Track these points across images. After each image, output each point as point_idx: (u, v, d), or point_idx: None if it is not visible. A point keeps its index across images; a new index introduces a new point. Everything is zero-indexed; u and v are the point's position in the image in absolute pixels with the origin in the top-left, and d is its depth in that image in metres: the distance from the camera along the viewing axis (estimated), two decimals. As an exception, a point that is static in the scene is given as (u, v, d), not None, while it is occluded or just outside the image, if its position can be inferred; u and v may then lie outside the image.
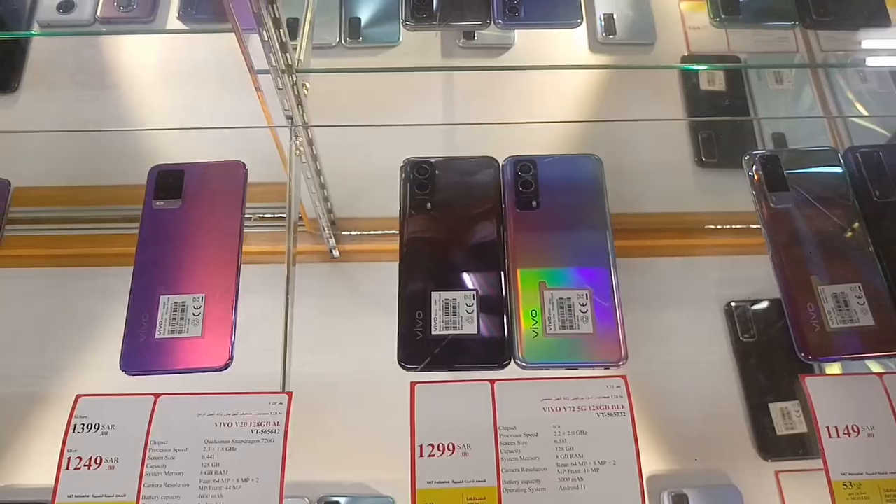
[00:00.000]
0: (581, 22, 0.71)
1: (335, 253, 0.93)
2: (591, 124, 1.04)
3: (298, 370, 0.60)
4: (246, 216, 0.63)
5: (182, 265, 0.61)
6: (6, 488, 0.70)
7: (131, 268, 0.62)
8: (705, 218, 0.97)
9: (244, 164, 0.66)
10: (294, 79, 0.66)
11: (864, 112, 1.00)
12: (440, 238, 0.62)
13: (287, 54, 0.64)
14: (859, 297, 0.58)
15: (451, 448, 0.54)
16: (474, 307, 0.59)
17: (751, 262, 0.94)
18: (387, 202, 0.66)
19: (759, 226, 0.63)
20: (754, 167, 0.65)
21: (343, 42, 1.06)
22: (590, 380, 0.56)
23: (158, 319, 0.59)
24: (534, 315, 0.58)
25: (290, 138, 0.69)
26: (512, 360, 0.57)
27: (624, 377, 0.56)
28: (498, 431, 0.55)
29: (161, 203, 0.64)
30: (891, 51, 0.78)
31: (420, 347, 0.57)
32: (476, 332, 0.58)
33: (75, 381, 0.59)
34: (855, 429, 0.55)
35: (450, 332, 0.58)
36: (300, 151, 0.72)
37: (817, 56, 1.02)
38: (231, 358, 0.58)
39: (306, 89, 0.70)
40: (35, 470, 0.70)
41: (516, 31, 1.06)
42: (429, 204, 0.63)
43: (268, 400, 0.56)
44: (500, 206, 0.63)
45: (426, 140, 0.99)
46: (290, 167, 0.67)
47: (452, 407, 0.56)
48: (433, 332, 0.58)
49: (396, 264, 0.82)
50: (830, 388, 0.57)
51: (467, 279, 0.60)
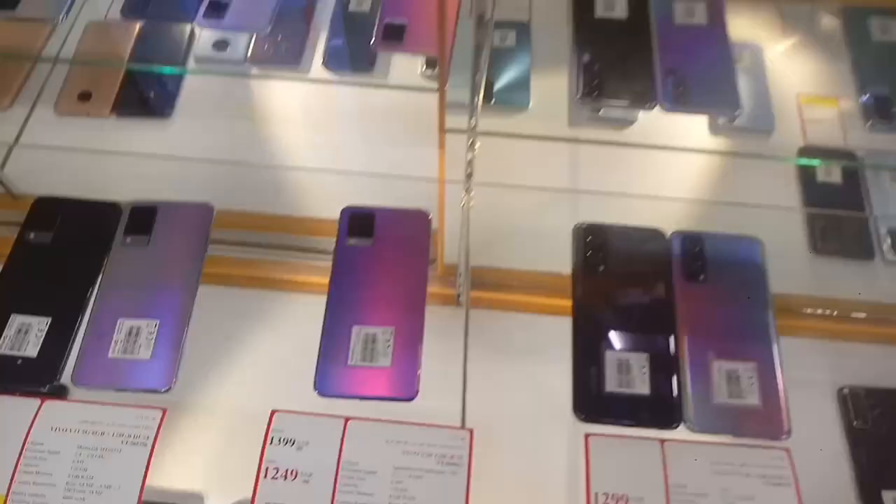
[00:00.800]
0: (741, 112, 0.75)
1: (461, 299, 0.97)
2: (710, 205, 1.08)
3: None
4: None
5: (373, 299, 0.66)
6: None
7: (315, 296, 0.67)
8: (816, 302, 1.01)
9: (428, 214, 0.71)
10: (474, 139, 0.72)
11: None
12: (612, 300, 0.66)
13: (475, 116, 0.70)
14: None
15: (625, 500, 0.57)
16: (646, 368, 0.63)
17: (858, 350, 0.97)
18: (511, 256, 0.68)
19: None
20: None
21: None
22: (756, 448, 0.60)
23: (351, 348, 0.64)
24: (703, 382, 0.62)
25: (466, 194, 0.74)
26: (682, 423, 0.61)
27: (787, 450, 0.60)
28: (669, 489, 0.58)
29: (354, 241, 0.69)
30: None
31: (594, 401, 0.61)
32: (648, 393, 0.62)
33: (265, 397, 0.64)
34: None
35: (623, 390, 0.62)
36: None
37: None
38: (418, 390, 0.62)
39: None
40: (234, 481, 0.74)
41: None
42: (601, 267, 0.68)
43: (452, 434, 0.60)
44: (668, 277, 0.68)
45: (548, 202, 1.05)
46: (466, 222, 0.72)
47: (625, 460, 0.59)
48: (607, 389, 0.62)
49: (520, 315, 0.86)
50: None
51: (639, 341, 0.64)
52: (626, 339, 0.64)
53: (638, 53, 0.70)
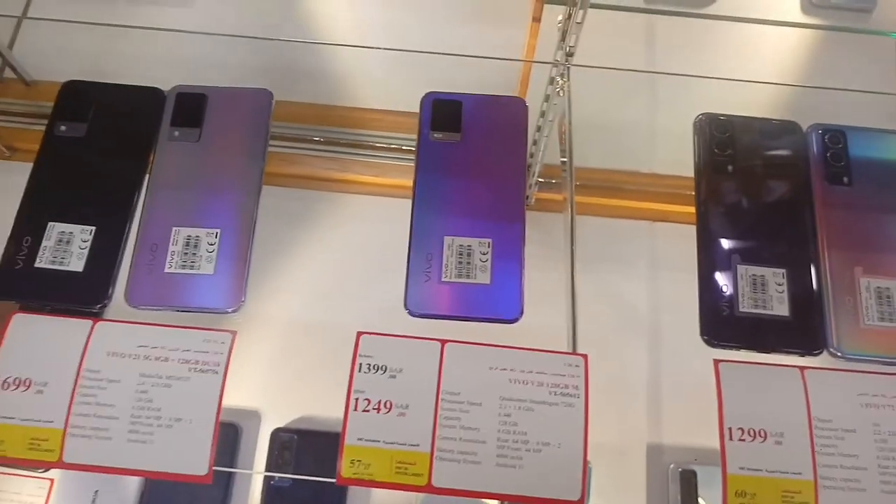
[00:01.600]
0: None
1: (531, 200, 0.88)
2: (800, 89, 0.97)
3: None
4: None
5: (465, 204, 0.57)
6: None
7: (395, 199, 0.58)
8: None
9: (524, 101, 0.61)
10: (582, 14, 0.61)
11: None
12: (743, 205, 0.57)
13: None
14: None
15: (763, 435, 0.51)
16: (784, 287, 0.54)
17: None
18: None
19: None
20: None
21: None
22: (913, 378, 0.52)
23: (444, 262, 0.55)
24: (849, 303, 0.54)
25: (565, 77, 0.63)
26: (825, 349, 0.53)
27: (947, 379, 0.52)
28: (812, 424, 0.51)
29: (439, 135, 0.59)
30: None
31: (726, 324, 0.54)
32: (787, 315, 0.54)
33: (347, 313, 0.56)
34: None
35: (759, 311, 0.54)
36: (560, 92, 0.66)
37: None
38: (522, 310, 0.54)
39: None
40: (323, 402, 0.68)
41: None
42: (729, 166, 0.58)
43: (563, 361, 0.53)
44: (807, 179, 0.58)
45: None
46: (569, 107, 0.62)
47: (760, 391, 0.52)
48: (739, 310, 0.54)
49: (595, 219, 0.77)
50: None
51: (775, 254, 0.56)
52: (760, 252, 0.56)
53: None
